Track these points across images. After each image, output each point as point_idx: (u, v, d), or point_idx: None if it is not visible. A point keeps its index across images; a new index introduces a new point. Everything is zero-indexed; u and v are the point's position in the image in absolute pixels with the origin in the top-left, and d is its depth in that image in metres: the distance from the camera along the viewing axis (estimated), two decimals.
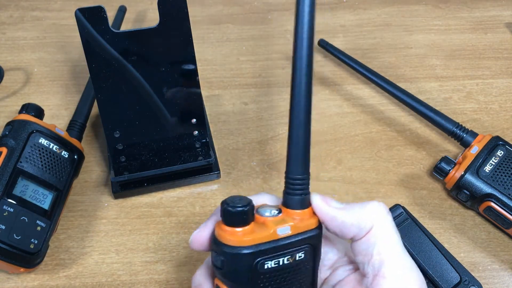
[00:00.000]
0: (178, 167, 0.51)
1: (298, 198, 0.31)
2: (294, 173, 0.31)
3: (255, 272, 0.30)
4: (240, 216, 0.29)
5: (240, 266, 0.30)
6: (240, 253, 0.29)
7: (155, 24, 0.46)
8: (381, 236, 0.32)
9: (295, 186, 0.31)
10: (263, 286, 0.30)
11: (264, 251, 0.30)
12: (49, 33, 0.67)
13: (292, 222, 0.31)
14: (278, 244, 0.30)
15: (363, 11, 0.70)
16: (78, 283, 0.47)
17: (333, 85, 0.62)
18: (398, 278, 0.31)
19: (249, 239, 0.29)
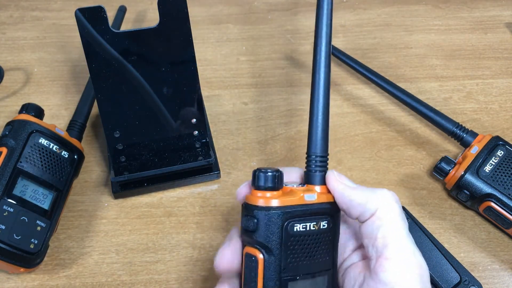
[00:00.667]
0: (178, 167, 0.51)
1: (319, 174, 0.34)
2: (317, 151, 0.34)
3: (286, 233, 0.32)
4: (271, 180, 0.32)
5: (273, 226, 0.32)
6: (273, 212, 0.32)
7: (155, 24, 0.46)
8: (386, 219, 0.33)
9: (317, 163, 0.34)
10: (293, 249, 0.32)
11: (293, 213, 0.32)
12: (49, 33, 0.67)
13: (319, 194, 0.34)
14: (305, 209, 0.32)
15: (363, 11, 0.70)
16: (78, 283, 0.47)
17: (333, 85, 0.62)
18: (400, 261, 0.32)
19: (279, 201, 0.32)
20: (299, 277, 0.32)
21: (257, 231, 0.32)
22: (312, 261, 0.33)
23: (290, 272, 0.32)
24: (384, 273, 0.32)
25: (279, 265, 0.32)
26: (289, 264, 0.32)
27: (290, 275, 0.32)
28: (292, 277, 0.32)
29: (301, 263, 0.32)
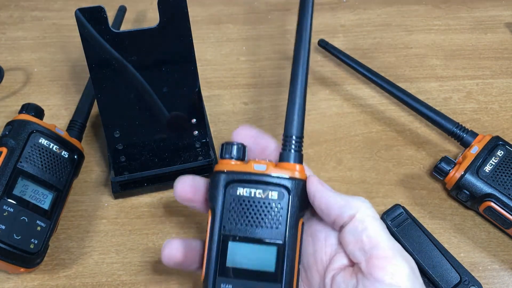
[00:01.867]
0: (178, 167, 0.51)
1: (292, 153, 0.36)
2: (292, 132, 0.37)
3: (228, 194, 0.35)
4: (228, 150, 0.36)
5: (217, 187, 0.35)
6: (219, 174, 0.35)
7: (155, 24, 0.46)
8: (368, 222, 0.34)
9: (292, 143, 0.36)
10: (234, 210, 0.35)
11: (237, 177, 0.35)
12: (49, 33, 0.67)
13: (272, 166, 0.35)
14: (251, 176, 0.35)
15: (363, 11, 0.70)
16: (78, 283, 0.47)
17: (333, 85, 0.62)
18: (392, 257, 0.33)
19: (227, 167, 0.36)
20: (238, 238, 0.35)
21: (209, 191, 0.36)
22: (258, 228, 0.35)
23: (231, 232, 0.35)
24: (379, 272, 0.32)
25: (219, 223, 0.35)
26: (229, 223, 0.35)
27: (230, 234, 0.35)
28: (232, 236, 0.35)
29: (244, 226, 0.35)
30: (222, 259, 0.35)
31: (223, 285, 0.34)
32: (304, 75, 0.37)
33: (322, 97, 0.61)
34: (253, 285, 0.34)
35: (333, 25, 0.68)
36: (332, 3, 0.71)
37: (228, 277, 0.35)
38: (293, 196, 0.35)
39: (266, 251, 0.35)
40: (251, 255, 0.35)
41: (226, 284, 0.35)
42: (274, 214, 0.35)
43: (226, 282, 0.35)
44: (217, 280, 0.35)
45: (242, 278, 0.34)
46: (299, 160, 0.36)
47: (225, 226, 0.35)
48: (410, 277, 0.32)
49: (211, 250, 0.35)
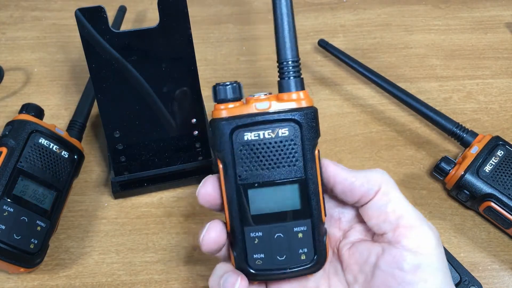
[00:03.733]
0: (178, 167, 0.51)
1: (291, 80, 0.34)
2: (286, 57, 0.34)
3: (236, 142, 0.33)
4: (222, 92, 0.33)
5: (222, 135, 0.33)
6: (220, 122, 0.33)
7: (155, 24, 0.46)
8: (392, 194, 0.34)
9: (289, 68, 0.34)
10: (247, 157, 0.33)
11: (241, 123, 0.33)
12: (49, 33, 0.67)
13: (275, 100, 0.33)
14: (255, 118, 0.33)
15: (363, 11, 0.70)
16: (78, 283, 0.47)
17: (333, 85, 0.62)
18: (418, 226, 0.33)
19: (227, 111, 0.33)
20: (257, 184, 0.33)
21: (215, 142, 0.33)
22: (275, 169, 0.33)
23: (248, 180, 0.33)
24: (407, 240, 0.33)
25: (233, 174, 0.33)
26: (244, 172, 0.33)
27: (248, 182, 0.33)
28: (250, 184, 0.33)
29: (260, 171, 0.33)
30: (244, 209, 0.33)
31: (252, 234, 0.33)
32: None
33: (322, 97, 0.61)
34: (283, 226, 0.33)
35: (333, 25, 0.68)
36: (332, 3, 0.71)
37: (255, 225, 0.33)
38: (305, 128, 0.33)
39: (289, 190, 0.33)
40: (274, 198, 0.33)
41: (256, 232, 0.33)
42: (289, 151, 0.33)
43: (254, 230, 0.33)
44: (245, 231, 0.33)
45: (270, 222, 0.33)
46: (301, 86, 0.34)
47: (241, 175, 0.33)
48: (436, 245, 0.33)
49: (232, 202, 0.33)
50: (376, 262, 0.34)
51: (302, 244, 0.34)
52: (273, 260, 0.34)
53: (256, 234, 0.33)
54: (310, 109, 0.33)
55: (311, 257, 0.34)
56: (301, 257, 0.34)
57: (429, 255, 0.33)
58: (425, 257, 0.33)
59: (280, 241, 0.34)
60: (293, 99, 0.33)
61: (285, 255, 0.34)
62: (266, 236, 0.34)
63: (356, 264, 0.35)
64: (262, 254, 0.34)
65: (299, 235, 0.34)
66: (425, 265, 0.32)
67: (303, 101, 0.33)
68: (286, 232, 0.34)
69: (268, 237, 0.34)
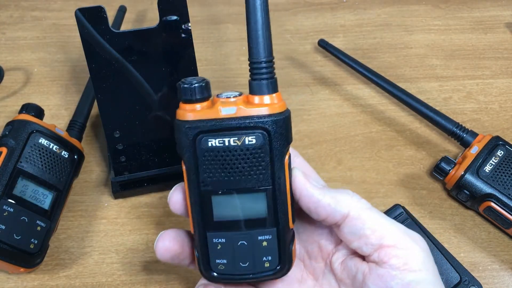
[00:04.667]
0: (178, 167, 0.51)
1: (263, 82, 0.31)
2: (258, 56, 0.31)
3: (200, 147, 0.31)
4: (187, 92, 0.30)
5: (184, 140, 0.31)
6: (183, 126, 0.31)
7: (155, 24, 0.46)
8: (365, 216, 0.33)
9: (261, 70, 0.31)
10: (210, 163, 0.31)
11: (204, 127, 0.30)
12: (49, 33, 0.67)
13: (244, 105, 0.31)
14: (221, 124, 0.30)
15: (363, 11, 0.70)
16: (78, 283, 0.47)
17: (333, 85, 0.62)
18: (401, 244, 0.32)
19: (192, 115, 0.30)
20: (221, 192, 0.32)
21: (177, 143, 0.32)
22: (240, 177, 0.31)
23: (211, 186, 0.32)
24: (393, 259, 0.32)
25: (196, 179, 0.32)
26: (208, 178, 0.31)
27: (210, 189, 0.32)
28: (213, 191, 0.32)
29: (224, 178, 0.31)
30: (207, 214, 0.32)
31: (215, 240, 0.32)
32: None
33: (322, 97, 0.61)
34: (247, 234, 0.32)
35: (333, 25, 0.68)
36: (332, 3, 0.71)
37: (218, 231, 0.32)
38: (274, 136, 0.31)
39: (254, 198, 0.32)
40: (238, 205, 0.32)
41: (218, 239, 0.32)
42: (256, 160, 0.31)
43: (217, 236, 0.32)
44: (207, 236, 0.32)
45: (233, 229, 0.32)
46: (273, 88, 0.31)
47: (204, 181, 0.31)
48: (424, 258, 0.32)
49: (194, 207, 0.32)
50: (364, 280, 0.33)
51: (266, 252, 0.33)
52: (235, 266, 0.33)
53: (219, 240, 0.33)
54: (281, 115, 0.31)
55: (275, 265, 0.33)
56: (265, 265, 0.33)
57: (418, 271, 0.32)
58: (414, 273, 0.31)
59: (244, 248, 0.33)
60: (263, 103, 0.31)
61: (248, 261, 0.33)
62: (229, 243, 0.33)
63: (348, 278, 0.35)
64: (225, 260, 0.33)
65: (263, 243, 0.33)
66: (415, 282, 0.31)
67: (275, 106, 0.31)
68: (250, 240, 0.33)
69: (231, 243, 0.33)
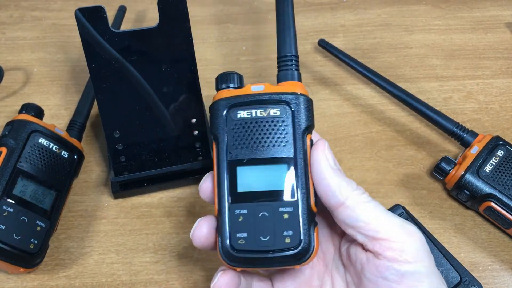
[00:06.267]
0: (178, 167, 0.51)
1: (288, 72, 0.36)
2: (285, 51, 0.36)
3: (229, 119, 0.35)
4: (223, 79, 0.36)
5: (218, 114, 0.35)
6: (216, 102, 0.36)
7: (155, 24, 0.46)
8: (359, 209, 0.33)
9: (287, 62, 0.36)
10: (238, 133, 0.34)
11: (236, 101, 0.35)
12: (49, 33, 0.67)
13: (270, 85, 0.35)
14: (249, 98, 0.35)
15: (363, 11, 0.70)
16: (78, 283, 0.47)
17: (333, 85, 0.62)
18: (395, 236, 0.32)
19: (226, 94, 0.35)
20: (246, 161, 0.34)
21: (211, 123, 0.36)
22: (265, 147, 0.34)
23: (238, 156, 0.34)
24: (387, 251, 0.32)
25: (225, 150, 0.34)
26: (235, 149, 0.34)
27: (237, 159, 0.34)
28: (239, 161, 0.34)
29: (250, 149, 0.34)
30: (232, 186, 0.34)
31: (237, 211, 0.33)
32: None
33: (322, 97, 0.61)
34: (269, 205, 0.33)
35: (333, 25, 0.68)
36: (332, 3, 0.71)
37: (241, 203, 0.33)
38: (296, 111, 0.34)
39: (277, 169, 0.34)
40: (261, 176, 0.34)
41: (240, 210, 0.33)
42: (279, 131, 0.34)
43: (239, 208, 0.33)
44: (230, 208, 0.33)
45: (256, 200, 0.33)
46: (298, 77, 0.36)
47: (231, 152, 0.34)
48: (418, 250, 0.32)
49: (220, 179, 0.34)
50: (362, 270, 0.33)
51: (287, 226, 0.33)
52: (256, 240, 0.33)
53: (241, 211, 0.33)
54: (303, 96, 0.35)
55: (296, 241, 0.33)
56: (286, 240, 0.33)
57: (413, 262, 0.32)
58: (409, 265, 0.32)
59: (265, 220, 0.33)
60: (288, 85, 0.35)
61: (269, 235, 0.33)
62: (250, 214, 0.33)
63: (351, 266, 0.35)
64: (246, 233, 0.33)
65: (284, 215, 0.33)
66: (409, 273, 0.32)
67: (298, 89, 0.35)
68: (271, 211, 0.33)
69: (252, 215, 0.33)
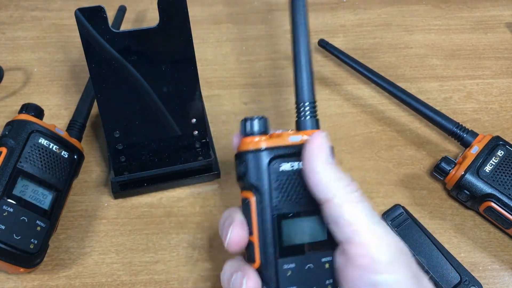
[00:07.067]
0: (178, 167, 0.51)
1: (310, 119, 0.36)
2: (304, 98, 0.36)
3: (274, 172, 0.33)
4: (256, 126, 0.34)
5: (260, 166, 0.33)
6: (259, 153, 0.33)
7: (155, 24, 0.46)
8: (345, 208, 0.32)
9: (306, 109, 0.36)
10: (281, 188, 0.33)
11: (278, 152, 0.33)
12: (49, 33, 0.67)
13: (305, 135, 0.34)
14: (290, 149, 0.34)
15: (363, 11, 0.70)
16: (78, 283, 0.47)
17: (333, 85, 0.62)
18: (373, 244, 0.31)
19: (265, 143, 0.34)
20: (291, 215, 0.33)
21: (247, 173, 0.34)
22: (305, 200, 0.33)
23: (282, 210, 0.33)
24: (361, 258, 0.31)
25: (269, 204, 0.33)
26: (280, 202, 0.33)
27: (282, 213, 0.33)
28: (284, 215, 0.33)
29: (293, 201, 0.33)
30: (278, 241, 0.33)
31: (285, 266, 0.33)
32: (305, 38, 0.36)
33: (322, 97, 0.61)
34: (314, 257, 0.34)
35: (333, 25, 0.68)
36: (332, 3, 0.71)
37: (288, 257, 0.33)
38: None
39: (316, 220, 0.34)
40: (304, 228, 0.34)
41: (289, 264, 0.33)
42: None
43: (288, 262, 0.33)
44: (278, 263, 0.33)
45: (302, 254, 0.33)
46: (317, 125, 0.36)
47: (276, 205, 0.33)
48: (393, 261, 0.31)
49: (266, 234, 0.33)
50: (339, 272, 0.33)
51: (328, 275, 0.34)
52: None
53: (289, 266, 0.33)
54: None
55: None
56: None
57: (385, 273, 0.31)
58: (381, 275, 0.31)
59: (311, 272, 0.34)
60: None
61: (315, 286, 0.34)
62: (298, 268, 0.33)
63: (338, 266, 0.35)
64: (295, 287, 0.33)
65: (326, 265, 0.34)
66: (382, 283, 0.30)
67: None
68: (316, 263, 0.34)
69: (300, 268, 0.34)
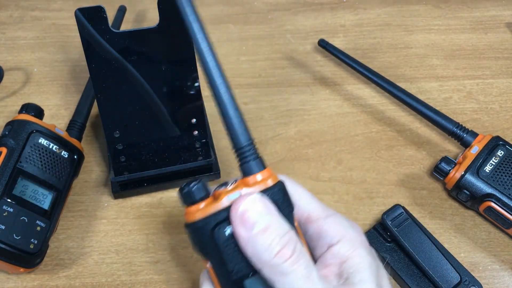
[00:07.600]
0: (178, 167, 0.51)
1: (253, 162, 0.34)
2: (240, 143, 0.34)
3: (218, 240, 0.31)
4: (189, 194, 0.32)
5: (203, 239, 0.32)
6: (196, 226, 0.32)
7: (155, 24, 0.46)
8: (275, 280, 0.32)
9: (245, 154, 0.34)
10: (233, 251, 0.32)
11: (218, 218, 0.31)
12: (49, 33, 0.67)
13: (244, 188, 0.32)
14: (227, 211, 0.32)
15: (363, 11, 0.70)
16: (78, 283, 0.47)
17: (333, 85, 0.62)
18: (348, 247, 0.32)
19: (200, 213, 0.32)
20: (251, 274, 0.32)
21: (195, 245, 0.32)
22: None
23: (241, 272, 0.32)
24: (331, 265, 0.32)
25: (226, 270, 0.32)
26: (236, 265, 0.32)
27: (242, 275, 0.32)
28: (244, 275, 0.32)
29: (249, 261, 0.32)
30: None
31: None
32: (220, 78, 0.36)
33: (322, 97, 0.61)
34: None
35: (333, 25, 0.68)
36: (332, 3, 0.71)
37: None
38: (280, 204, 0.33)
39: None
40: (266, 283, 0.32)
41: None
42: None
43: None
44: None
45: None
46: (262, 165, 0.34)
47: (233, 270, 0.32)
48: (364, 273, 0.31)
49: None
50: None
51: None
52: None
53: None
54: (278, 185, 0.33)
55: None
56: None
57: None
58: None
59: None
60: (258, 181, 0.33)
61: None
62: None
63: None
64: None
65: None
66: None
67: (269, 180, 0.33)
68: None
69: None
